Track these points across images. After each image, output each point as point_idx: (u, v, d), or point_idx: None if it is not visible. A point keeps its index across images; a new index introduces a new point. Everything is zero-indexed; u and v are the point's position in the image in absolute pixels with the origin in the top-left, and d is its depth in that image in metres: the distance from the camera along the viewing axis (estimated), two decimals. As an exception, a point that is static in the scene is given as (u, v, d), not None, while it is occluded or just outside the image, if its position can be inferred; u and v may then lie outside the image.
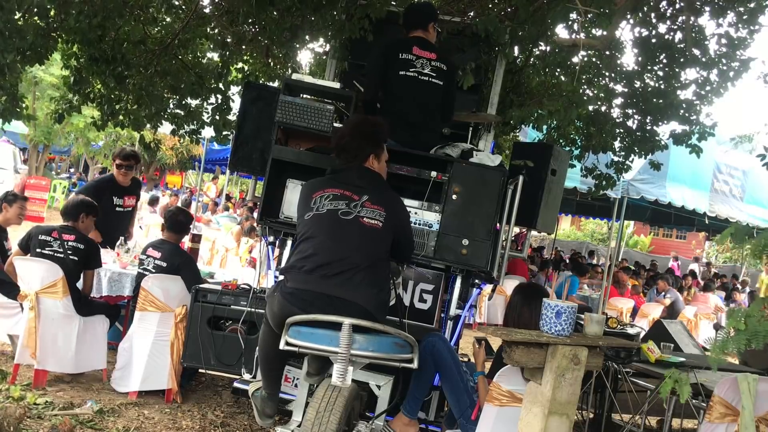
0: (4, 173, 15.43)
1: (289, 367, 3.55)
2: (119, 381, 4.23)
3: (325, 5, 4.57)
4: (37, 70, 14.18)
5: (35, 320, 4.08)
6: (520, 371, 2.67)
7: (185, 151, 20.63)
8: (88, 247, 4.30)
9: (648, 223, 18.90)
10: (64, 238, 4.23)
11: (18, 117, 4.60)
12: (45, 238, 4.22)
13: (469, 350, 4.84)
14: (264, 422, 3.15)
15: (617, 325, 4.46)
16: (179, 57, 5.55)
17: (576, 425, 3.97)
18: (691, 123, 5.58)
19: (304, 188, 2.93)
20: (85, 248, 4.28)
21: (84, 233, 4.38)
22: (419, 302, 3.70)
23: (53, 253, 4.18)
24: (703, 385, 3.60)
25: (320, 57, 6.43)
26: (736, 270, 20.14)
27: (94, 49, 4.83)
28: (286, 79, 3.84)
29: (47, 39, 4.37)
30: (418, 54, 3.72)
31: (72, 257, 4.21)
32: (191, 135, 6.10)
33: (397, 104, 3.70)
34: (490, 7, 5.06)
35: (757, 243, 2.72)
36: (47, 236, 4.22)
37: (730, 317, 2.62)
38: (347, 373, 2.52)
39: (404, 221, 2.94)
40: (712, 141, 7.34)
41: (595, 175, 6.22)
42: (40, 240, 4.21)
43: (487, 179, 3.48)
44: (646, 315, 9.32)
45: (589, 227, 29.06)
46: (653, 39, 5.45)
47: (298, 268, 2.71)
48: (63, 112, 5.30)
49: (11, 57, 4.03)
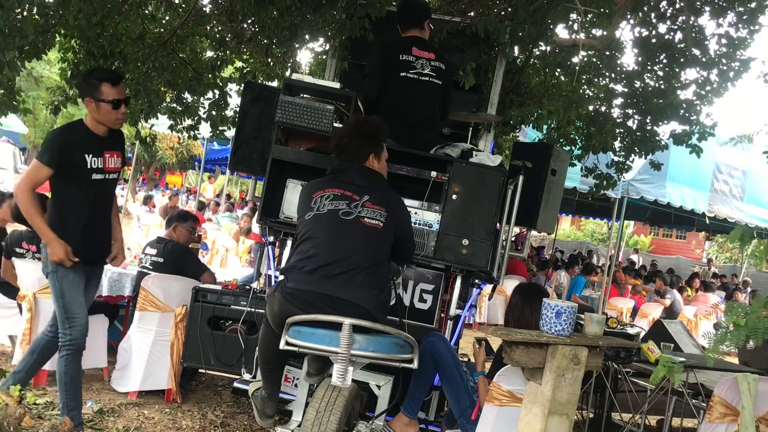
0: (4, 173, 15.45)
1: (289, 367, 3.55)
2: (119, 381, 4.23)
3: (324, 5, 4.56)
4: (43, 69, 14.19)
5: (32, 321, 4.08)
6: (520, 371, 2.67)
7: (185, 151, 20.63)
8: None
9: (648, 223, 18.90)
10: (32, 250, 4.19)
11: (15, 110, 4.60)
12: (19, 251, 4.20)
13: (469, 350, 4.84)
14: (264, 422, 3.15)
15: (617, 325, 4.47)
16: (177, 53, 5.55)
17: (576, 425, 3.97)
18: (691, 123, 5.58)
19: (305, 188, 2.93)
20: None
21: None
22: (419, 302, 3.70)
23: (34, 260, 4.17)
24: (703, 385, 3.60)
25: (320, 57, 6.42)
26: (736, 270, 20.14)
27: (92, 45, 4.83)
28: (286, 79, 3.84)
29: (46, 35, 4.37)
30: (418, 54, 3.73)
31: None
32: (188, 130, 6.10)
33: (398, 105, 3.71)
34: (490, 7, 5.05)
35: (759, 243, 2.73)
36: (19, 248, 4.20)
37: (729, 312, 2.63)
38: (347, 373, 2.53)
39: (405, 221, 2.94)
40: (712, 141, 7.34)
41: (595, 175, 6.22)
42: (17, 252, 4.20)
43: (487, 179, 3.48)
44: (646, 315, 9.33)
45: (589, 227, 29.08)
46: (653, 39, 5.45)
47: (299, 268, 2.71)
48: (59, 104, 5.30)
49: (11, 55, 4.03)
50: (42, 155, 3.12)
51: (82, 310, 3.20)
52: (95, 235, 3.30)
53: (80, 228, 3.20)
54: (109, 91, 3.17)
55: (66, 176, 3.15)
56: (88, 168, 3.17)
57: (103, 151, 3.24)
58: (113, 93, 3.18)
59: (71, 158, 3.13)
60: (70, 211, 3.19)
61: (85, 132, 3.22)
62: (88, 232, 3.23)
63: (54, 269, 3.16)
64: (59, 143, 3.13)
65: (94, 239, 3.30)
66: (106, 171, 3.26)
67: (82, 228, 3.21)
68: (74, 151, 3.14)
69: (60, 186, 3.20)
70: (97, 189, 3.25)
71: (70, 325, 3.16)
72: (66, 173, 3.14)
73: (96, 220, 3.29)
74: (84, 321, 3.20)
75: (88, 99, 3.18)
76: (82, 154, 3.15)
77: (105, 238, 3.41)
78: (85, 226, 3.22)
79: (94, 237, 3.28)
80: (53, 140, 3.14)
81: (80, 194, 3.20)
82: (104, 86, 3.17)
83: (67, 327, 3.16)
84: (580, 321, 2.80)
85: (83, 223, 3.21)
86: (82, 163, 3.15)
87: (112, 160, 3.29)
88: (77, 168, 3.15)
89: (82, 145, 3.17)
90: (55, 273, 3.16)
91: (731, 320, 2.58)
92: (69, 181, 3.18)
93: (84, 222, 3.21)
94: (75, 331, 3.16)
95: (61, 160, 3.10)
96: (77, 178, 3.17)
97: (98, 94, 3.17)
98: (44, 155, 3.11)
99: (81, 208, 3.21)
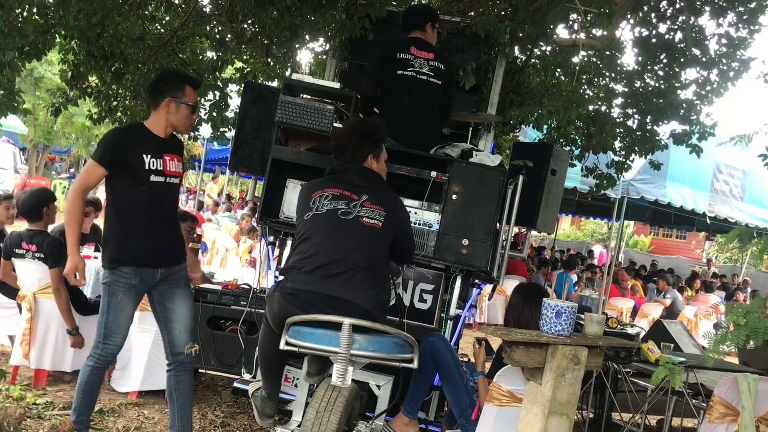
0: (4, 173, 15.45)
1: (289, 367, 3.55)
2: (119, 381, 4.23)
3: (325, 4, 4.57)
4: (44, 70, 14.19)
5: (31, 321, 4.08)
6: (520, 371, 2.67)
7: (185, 151, 20.60)
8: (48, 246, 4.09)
9: (648, 223, 18.90)
10: (32, 250, 4.11)
11: (14, 111, 4.60)
12: (19, 252, 4.12)
13: (469, 350, 4.85)
14: (264, 422, 3.15)
15: (617, 325, 4.47)
16: (177, 54, 5.55)
17: (576, 425, 3.97)
18: (691, 123, 5.59)
19: (304, 188, 2.93)
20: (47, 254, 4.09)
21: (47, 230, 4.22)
22: (419, 302, 3.70)
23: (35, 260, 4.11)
24: (703, 385, 3.60)
25: (320, 57, 6.43)
26: (736, 270, 20.13)
27: (92, 46, 4.83)
28: (286, 79, 3.84)
29: (46, 35, 4.37)
30: (416, 54, 3.74)
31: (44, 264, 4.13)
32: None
33: (396, 103, 3.72)
34: (490, 7, 5.05)
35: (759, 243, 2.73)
36: (19, 249, 4.13)
37: (729, 312, 2.63)
38: (347, 373, 2.52)
39: (404, 221, 2.94)
40: (712, 141, 7.34)
41: (595, 174, 6.22)
42: (17, 253, 4.14)
43: (487, 179, 3.48)
44: (646, 315, 9.33)
45: (589, 227, 29.06)
46: (653, 39, 5.45)
47: (298, 268, 2.71)
48: (60, 105, 5.30)
49: (12, 55, 4.04)
50: (95, 153, 2.96)
51: (121, 332, 3.06)
52: (159, 240, 3.08)
53: (143, 233, 3.01)
54: (191, 94, 3.08)
55: (123, 177, 2.96)
56: (146, 169, 2.97)
57: (163, 153, 3.05)
58: (194, 97, 3.10)
59: (127, 157, 2.94)
60: (129, 215, 3.00)
61: (145, 132, 3.05)
62: (151, 236, 3.04)
63: (107, 281, 2.99)
64: (114, 141, 2.96)
65: (158, 244, 3.08)
66: (166, 174, 3.06)
67: (145, 233, 3.02)
68: (130, 149, 2.96)
69: (118, 188, 3.00)
70: (158, 192, 3.04)
71: (105, 342, 3.04)
72: (123, 174, 2.95)
73: (159, 224, 3.08)
74: (120, 342, 3.08)
75: (168, 99, 3.03)
76: (139, 154, 2.96)
77: (170, 243, 3.17)
78: (147, 231, 3.02)
79: (157, 242, 3.07)
80: (108, 138, 2.99)
81: (140, 197, 3.00)
82: (188, 88, 3.07)
83: (101, 342, 3.05)
84: (580, 321, 2.80)
85: (146, 227, 3.02)
86: (139, 163, 2.96)
87: (172, 163, 3.10)
88: (134, 168, 2.95)
89: (139, 145, 2.98)
90: (107, 286, 3.00)
91: (731, 320, 2.57)
92: (127, 183, 2.98)
93: (147, 227, 3.02)
94: (108, 349, 3.06)
95: (115, 159, 2.92)
96: (135, 180, 2.97)
97: (181, 95, 3.05)
98: (97, 153, 2.94)
99: (142, 213, 3.01)
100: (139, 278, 3.02)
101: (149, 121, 3.10)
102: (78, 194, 2.93)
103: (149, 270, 3.06)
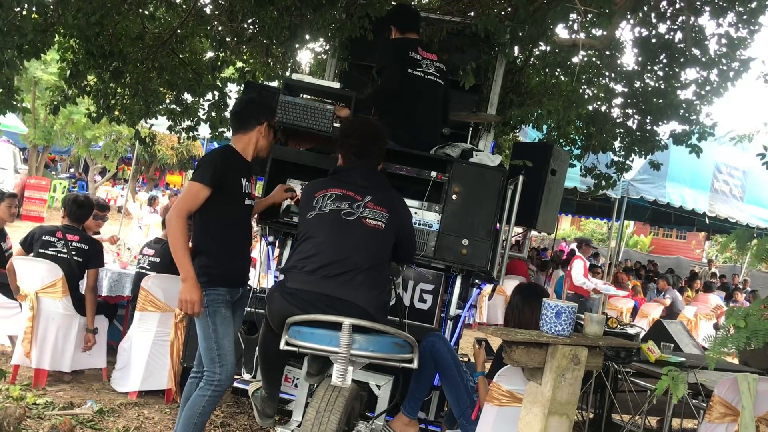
0: (4, 173, 15.43)
1: (289, 367, 3.55)
2: (119, 381, 4.23)
3: (324, 4, 4.57)
4: (35, 69, 14.18)
5: (33, 320, 4.08)
6: (520, 371, 2.67)
7: (185, 150, 20.62)
8: (91, 247, 4.30)
9: (648, 223, 18.90)
10: (68, 239, 4.23)
11: (13, 110, 4.60)
12: (49, 239, 4.22)
13: (469, 350, 4.84)
14: (264, 422, 3.15)
15: (617, 325, 4.47)
16: (177, 53, 5.55)
17: (576, 425, 3.97)
18: (691, 123, 5.59)
19: (307, 188, 2.92)
20: (88, 248, 4.28)
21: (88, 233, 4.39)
22: (419, 302, 3.70)
23: (56, 254, 4.19)
24: (703, 385, 3.60)
25: (320, 57, 6.42)
26: (736, 270, 20.13)
27: (91, 45, 4.83)
28: (285, 79, 3.84)
29: (45, 34, 4.38)
30: (423, 55, 3.79)
31: (76, 258, 4.21)
32: (187, 131, 6.10)
33: (402, 102, 3.71)
34: (490, 7, 5.06)
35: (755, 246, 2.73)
36: (51, 237, 4.22)
37: (729, 315, 2.62)
38: (347, 373, 2.52)
39: (407, 222, 2.93)
40: (712, 141, 7.34)
41: (594, 174, 6.22)
42: (44, 240, 4.21)
43: (487, 179, 3.48)
44: (646, 315, 9.33)
45: (589, 227, 29.08)
46: (653, 39, 5.45)
47: (299, 268, 2.71)
48: (58, 104, 5.30)
49: (11, 54, 4.04)
50: (203, 175, 2.87)
51: (232, 347, 2.97)
52: (246, 261, 3.16)
53: (237, 253, 3.04)
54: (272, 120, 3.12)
55: (222, 198, 2.92)
56: (242, 192, 2.99)
57: (249, 176, 3.07)
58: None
59: (230, 180, 2.94)
60: (227, 235, 2.98)
61: (237, 155, 3.02)
62: (241, 257, 3.09)
63: (205, 304, 2.89)
64: (222, 163, 2.92)
65: (245, 264, 3.15)
66: (252, 197, 3.10)
67: (239, 253, 3.06)
68: (232, 173, 2.95)
69: (216, 209, 2.93)
70: (245, 214, 3.08)
71: (221, 363, 2.89)
72: (223, 196, 2.92)
73: (246, 245, 3.14)
74: (233, 360, 2.96)
75: (264, 121, 3.03)
76: (238, 178, 2.97)
77: (248, 265, 3.23)
78: (239, 252, 3.06)
79: (245, 262, 3.14)
80: (214, 160, 2.94)
81: (235, 219, 3.01)
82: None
83: (218, 365, 2.89)
84: (580, 321, 2.80)
85: (238, 248, 3.05)
86: (238, 187, 2.97)
87: (253, 186, 3.14)
88: (234, 192, 2.96)
89: (237, 168, 2.99)
90: (206, 308, 2.89)
91: (731, 323, 2.56)
92: (225, 204, 2.95)
93: (239, 247, 3.06)
94: (225, 370, 2.90)
95: (222, 181, 2.89)
96: (233, 203, 2.98)
97: (272, 120, 3.08)
98: (206, 174, 2.87)
99: (236, 234, 3.03)
100: (230, 296, 3.02)
101: (237, 144, 3.04)
102: (182, 218, 2.84)
103: (235, 289, 3.07)
